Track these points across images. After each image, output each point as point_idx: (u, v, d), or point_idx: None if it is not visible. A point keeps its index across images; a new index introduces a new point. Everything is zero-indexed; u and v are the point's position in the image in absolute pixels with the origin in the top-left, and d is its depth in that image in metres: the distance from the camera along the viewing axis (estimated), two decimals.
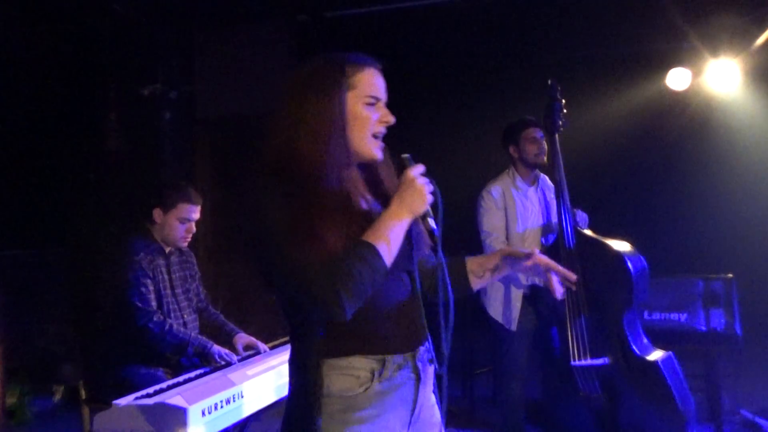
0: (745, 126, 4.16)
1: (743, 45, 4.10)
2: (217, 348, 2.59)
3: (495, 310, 3.17)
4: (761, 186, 3.82)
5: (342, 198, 1.36)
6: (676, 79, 4.16)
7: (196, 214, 2.73)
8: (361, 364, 1.34)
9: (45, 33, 4.17)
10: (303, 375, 1.35)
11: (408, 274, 1.44)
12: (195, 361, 2.64)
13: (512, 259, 1.57)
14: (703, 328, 3.50)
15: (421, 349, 1.43)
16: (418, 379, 1.42)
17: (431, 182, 1.37)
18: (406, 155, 1.40)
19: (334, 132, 1.35)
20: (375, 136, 1.42)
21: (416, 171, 1.37)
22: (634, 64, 4.18)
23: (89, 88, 4.46)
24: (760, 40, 4.05)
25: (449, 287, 1.40)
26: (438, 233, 1.38)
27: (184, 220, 2.69)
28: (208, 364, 2.59)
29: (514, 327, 3.09)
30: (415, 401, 1.42)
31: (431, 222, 1.37)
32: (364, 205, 1.42)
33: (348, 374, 1.33)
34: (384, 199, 1.45)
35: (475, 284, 1.58)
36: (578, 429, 2.96)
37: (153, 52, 4.46)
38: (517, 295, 3.11)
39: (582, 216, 3.09)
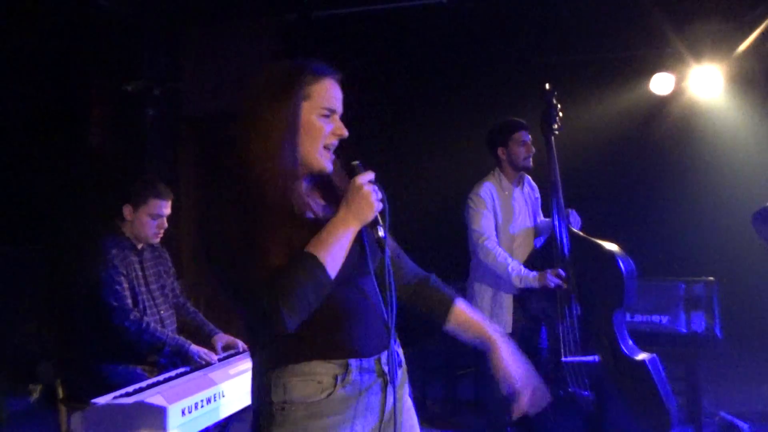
0: (728, 131, 4.22)
1: (726, 51, 4.16)
2: (195, 348, 2.56)
3: (483, 312, 3.17)
4: (743, 190, 3.86)
5: (287, 208, 1.34)
6: (660, 84, 4.20)
7: (166, 209, 2.70)
8: (322, 369, 1.32)
9: (28, 27, 4.10)
10: (262, 381, 1.34)
11: (365, 279, 1.40)
12: (177, 361, 2.61)
13: (492, 363, 1.50)
14: (684, 330, 3.53)
15: (386, 353, 1.40)
16: (386, 383, 1.40)
17: (380, 189, 1.36)
18: (355, 162, 1.38)
19: (284, 140, 1.34)
20: (326, 148, 1.40)
21: (364, 178, 1.35)
22: (619, 69, 4.22)
23: (72, 84, 4.40)
24: (743, 46, 4.11)
25: (394, 293, 1.38)
26: (387, 239, 1.36)
27: (155, 216, 2.66)
28: (188, 363, 2.56)
29: (509, 329, 3.09)
30: (383, 405, 1.40)
31: (380, 230, 1.36)
32: (310, 216, 1.40)
33: (309, 380, 1.31)
34: (333, 206, 1.43)
35: (449, 328, 1.53)
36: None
37: (138, 48, 4.42)
38: (507, 297, 3.12)
39: (575, 217, 3.10)
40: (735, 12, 4.09)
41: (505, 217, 3.16)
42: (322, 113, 1.39)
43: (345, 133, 1.41)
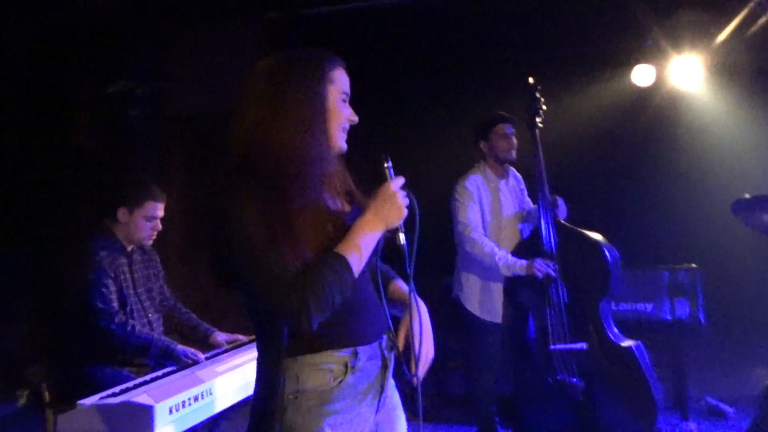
0: (709, 121, 4.26)
1: (706, 41, 4.19)
2: (181, 347, 2.57)
3: (473, 304, 3.21)
4: (724, 180, 3.91)
5: (315, 199, 1.36)
6: (641, 75, 4.24)
7: (161, 212, 2.71)
8: (333, 359, 1.36)
9: (11, 26, 4.07)
10: (273, 373, 1.35)
11: (371, 270, 1.47)
12: (167, 363, 2.61)
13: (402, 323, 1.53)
14: (669, 317, 3.58)
15: (385, 337, 1.47)
16: (385, 365, 1.46)
17: (409, 195, 1.40)
18: (384, 156, 1.42)
19: (317, 124, 1.37)
20: (343, 131, 1.45)
21: (396, 184, 1.39)
22: (600, 62, 4.25)
23: (57, 84, 4.37)
24: (722, 37, 4.14)
25: (380, 281, 1.45)
26: (407, 248, 1.40)
27: (150, 218, 2.66)
28: (175, 363, 2.57)
29: (498, 319, 3.14)
30: (382, 387, 1.46)
31: (402, 237, 1.40)
32: (332, 206, 1.43)
33: (321, 369, 1.35)
34: (346, 195, 1.48)
35: (388, 299, 1.57)
36: (550, 423, 3.01)
37: (124, 48, 4.39)
38: (497, 288, 3.16)
39: (561, 205, 3.13)
40: (715, 2, 4.12)
41: (491, 208, 3.20)
42: (342, 97, 1.43)
43: (356, 118, 1.46)
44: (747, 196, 2.78)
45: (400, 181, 1.40)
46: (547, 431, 3.04)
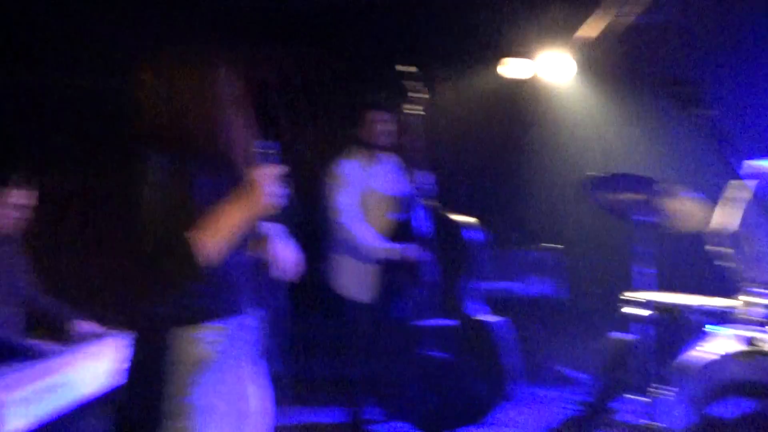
0: (576, 113, 4.55)
1: (576, 36, 4.45)
2: (31, 341, 2.46)
3: (345, 286, 3.26)
4: (589, 168, 4.21)
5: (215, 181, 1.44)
6: (513, 68, 4.46)
7: (22, 199, 2.57)
8: (209, 330, 1.46)
9: None
10: (150, 345, 1.45)
11: (239, 251, 1.52)
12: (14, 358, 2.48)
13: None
14: (535, 294, 3.87)
15: (250, 310, 1.56)
16: (253, 338, 1.58)
17: (281, 185, 1.45)
18: (263, 143, 1.48)
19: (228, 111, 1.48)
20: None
21: (264, 172, 1.43)
22: (473, 53, 4.38)
23: None
24: (591, 31, 4.41)
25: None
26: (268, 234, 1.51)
27: (12, 206, 2.53)
28: (27, 357, 2.45)
29: (370, 299, 3.19)
30: (252, 358, 1.58)
31: (263, 225, 1.50)
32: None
33: (198, 340, 1.44)
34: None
35: None
36: (419, 399, 3.14)
37: None
38: (368, 269, 3.20)
39: (431, 187, 3.24)
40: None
41: (365, 193, 3.25)
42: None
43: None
44: (594, 174, 2.99)
45: (272, 169, 1.44)
46: (416, 407, 3.15)
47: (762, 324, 2.49)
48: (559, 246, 3.95)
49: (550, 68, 4.51)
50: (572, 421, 3.11)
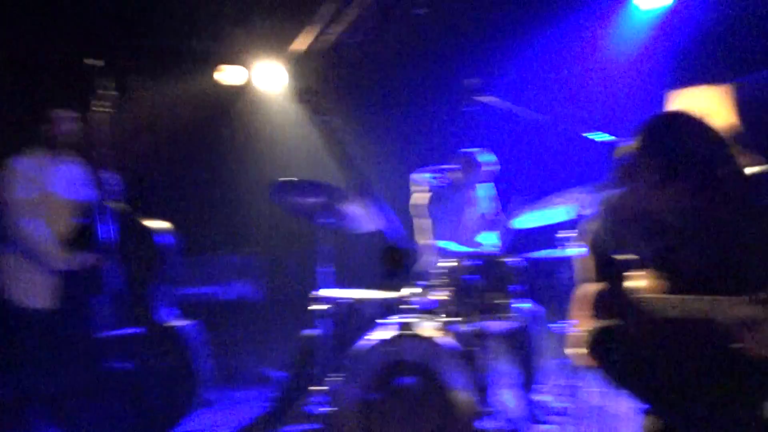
0: (281, 121, 4.75)
1: (289, 47, 4.66)
2: None
3: (13, 290, 2.93)
4: (287, 174, 4.39)
5: None
6: (227, 75, 4.51)
7: None
8: None
9: None
10: None
11: None
12: None
13: None
14: (234, 297, 3.90)
15: None
16: None
17: None
18: None
19: None
20: None
21: None
22: (190, 57, 4.32)
23: None
24: (302, 44, 4.65)
25: None
26: None
27: None
28: None
29: (45, 307, 2.91)
30: None
31: None
32: None
33: None
34: None
35: None
36: (102, 415, 2.91)
37: None
38: (44, 274, 2.93)
39: (114, 180, 3.07)
40: (297, 11, 4.56)
41: (43, 194, 3.01)
42: None
43: None
44: (282, 179, 3.11)
45: None
46: (99, 425, 2.93)
47: (422, 311, 2.90)
48: (257, 249, 4.05)
49: (264, 77, 4.64)
50: (262, 419, 3.18)
